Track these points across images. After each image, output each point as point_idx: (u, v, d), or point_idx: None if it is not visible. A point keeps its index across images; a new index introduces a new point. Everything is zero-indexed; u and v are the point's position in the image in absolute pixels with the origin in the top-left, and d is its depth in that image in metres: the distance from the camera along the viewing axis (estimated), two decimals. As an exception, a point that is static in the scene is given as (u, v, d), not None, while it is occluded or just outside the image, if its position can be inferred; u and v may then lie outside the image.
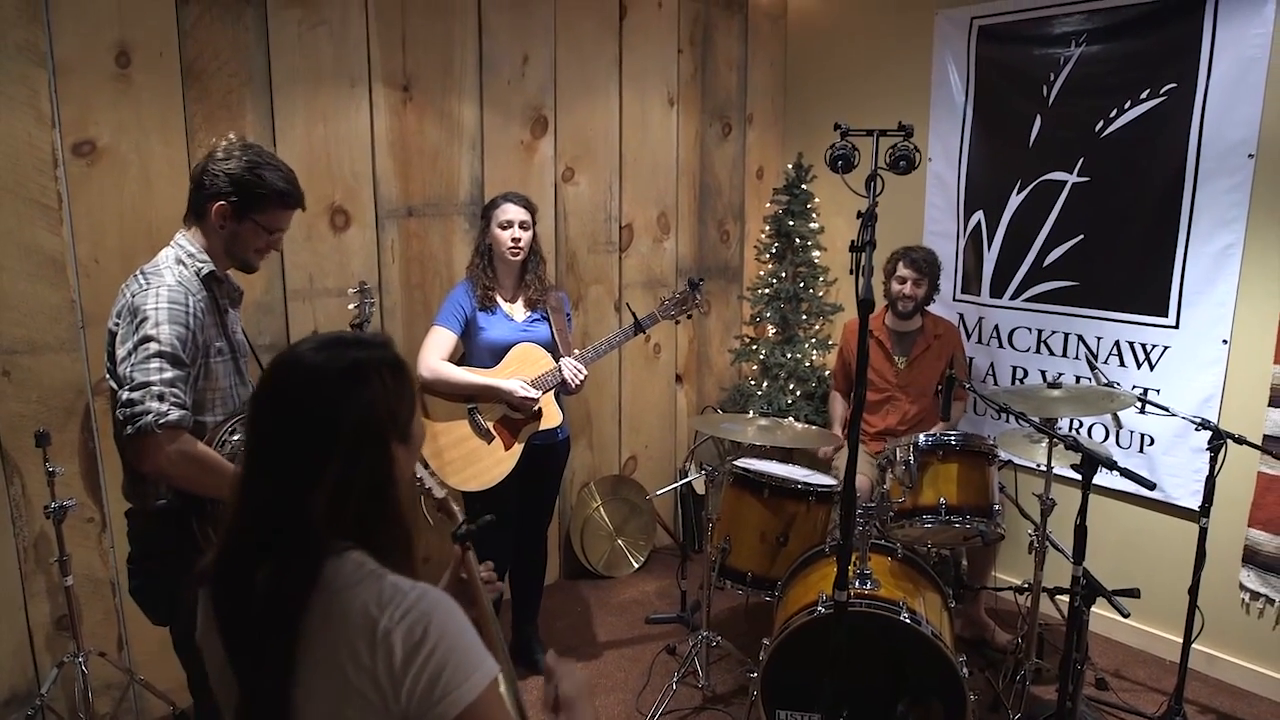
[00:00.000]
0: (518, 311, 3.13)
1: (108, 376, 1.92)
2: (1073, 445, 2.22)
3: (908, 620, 2.52)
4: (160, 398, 1.78)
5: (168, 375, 1.81)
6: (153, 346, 1.81)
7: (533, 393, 2.99)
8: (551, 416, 3.11)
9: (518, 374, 3.04)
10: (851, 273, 2.04)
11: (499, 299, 3.10)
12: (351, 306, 2.97)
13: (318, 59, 3.08)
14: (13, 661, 2.71)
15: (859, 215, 2.06)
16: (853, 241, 2.02)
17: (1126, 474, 2.19)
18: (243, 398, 2.08)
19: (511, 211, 3.04)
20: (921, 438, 2.89)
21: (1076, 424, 3.59)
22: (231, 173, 1.96)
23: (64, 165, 2.64)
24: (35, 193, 2.60)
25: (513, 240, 3.03)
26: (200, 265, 1.98)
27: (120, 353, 1.85)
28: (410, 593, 1.09)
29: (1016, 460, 3.20)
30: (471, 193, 3.54)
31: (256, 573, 1.09)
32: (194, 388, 1.91)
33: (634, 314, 3.18)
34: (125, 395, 1.79)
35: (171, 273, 1.93)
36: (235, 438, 1.96)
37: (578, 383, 3.07)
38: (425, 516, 1.95)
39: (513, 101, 3.62)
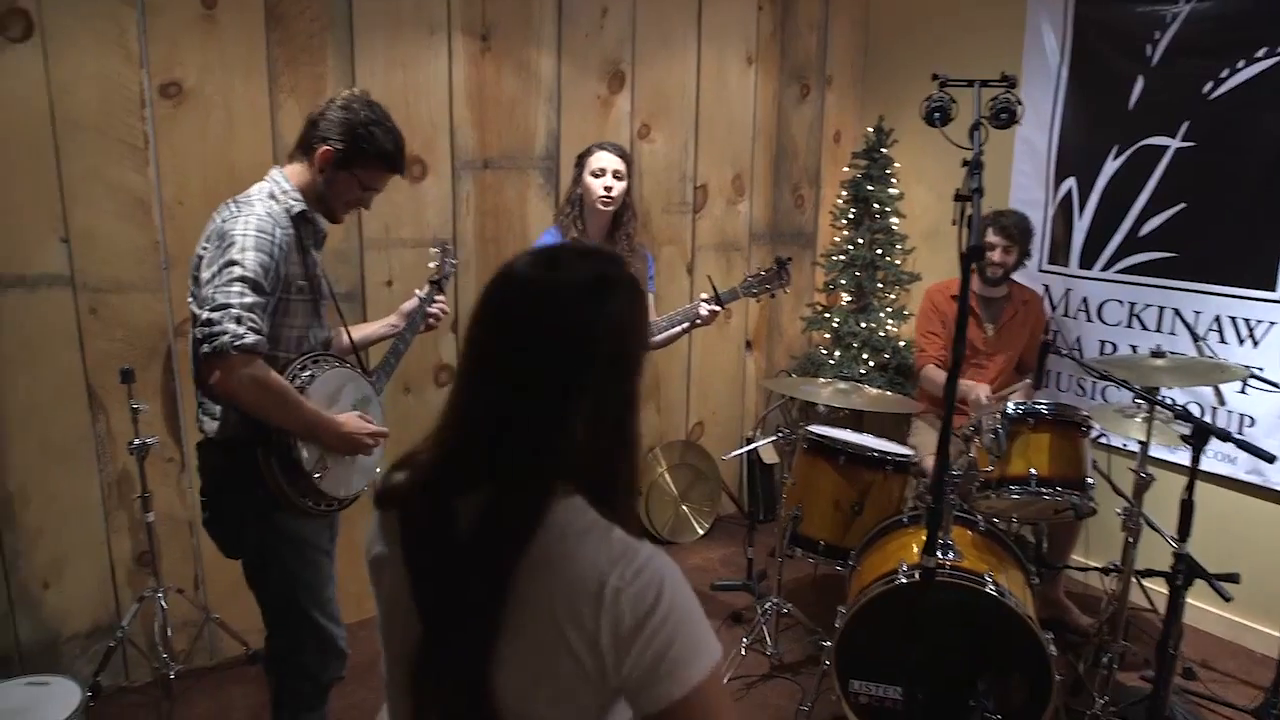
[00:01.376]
0: None
1: (190, 301, 1.92)
2: (1184, 415, 2.09)
3: (993, 593, 2.43)
4: (239, 320, 1.77)
5: (248, 300, 1.80)
6: (236, 270, 1.80)
7: None
8: None
9: None
10: (954, 222, 1.94)
11: None
12: (432, 264, 2.89)
13: (399, 5, 3.05)
14: (96, 594, 2.77)
15: (964, 164, 1.95)
16: (958, 190, 1.92)
17: (1243, 445, 2.06)
18: (318, 339, 2.07)
19: (605, 159, 2.94)
20: (1010, 405, 2.78)
21: (1170, 402, 3.42)
22: (348, 121, 1.96)
23: (151, 105, 2.65)
24: (123, 132, 2.62)
25: (604, 189, 2.93)
26: (292, 203, 1.97)
27: (205, 275, 1.85)
28: (642, 551, 0.97)
29: (1108, 436, 3.06)
30: (547, 146, 3.49)
31: (458, 502, 0.99)
32: (270, 324, 1.89)
33: (715, 287, 3.05)
34: (205, 315, 1.78)
35: (262, 204, 1.93)
36: (306, 373, 1.96)
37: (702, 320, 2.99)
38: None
39: (590, 54, 3.55)
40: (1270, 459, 2.11)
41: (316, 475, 1.95)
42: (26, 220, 2.52)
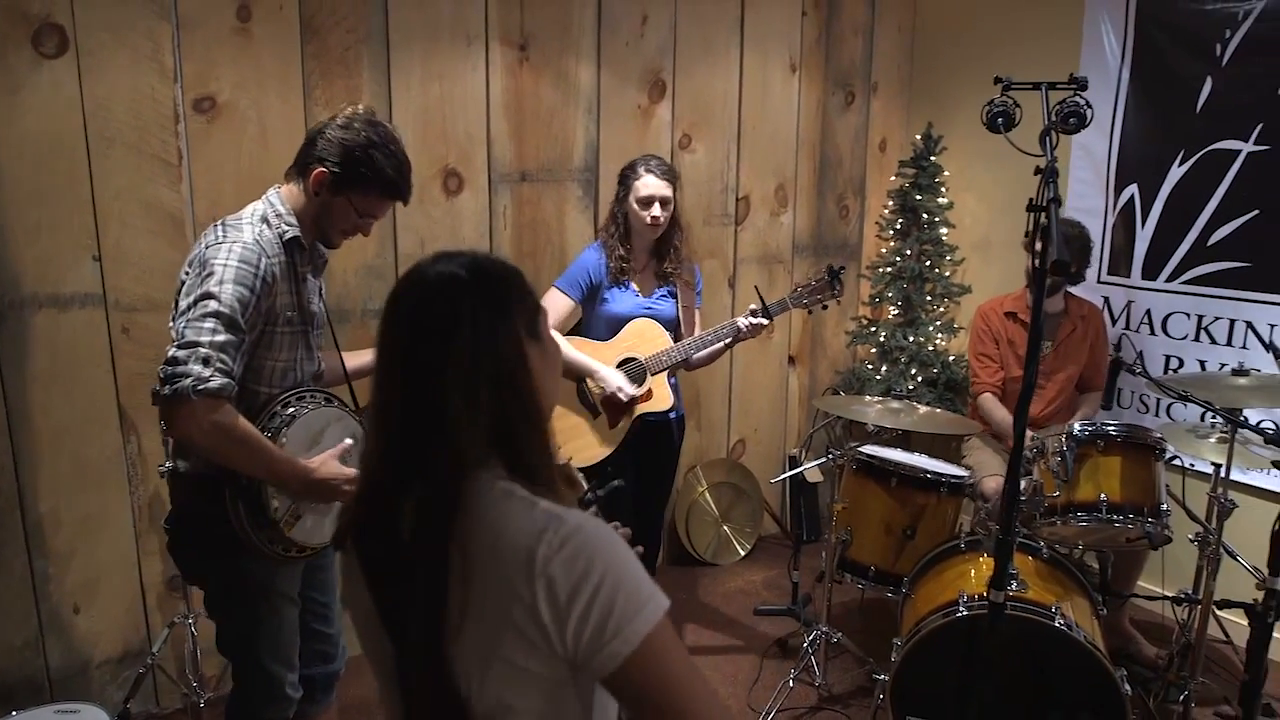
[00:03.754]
0: (646, 283, 2.94)
1: (170, 327, 1.79)
2: (1275, 438, 1.93)
3: (1062, 626, 2.28)
4: (205, 361, 1.65)
5: (220, 339, 1.68)
6: (211, 305, 1.68)
7: (630, 390, 2.81)
8: (661, 399, 2.92)
9: (633, 350, 2.88)
10: (1026, 235, 1.81)
11: (631, 270, 2.90)
12: None
13: (436, 15, 2.98)
14: (126, 618, 2.72)
15: (1037, 171, 1.82)
16: (1030, 200, 1.79)
17: (1344, 473, 1.90)
18: (308, 372, 1.96)
19: (652, 186, 2.80)
20: (1077, 426, 2.62)
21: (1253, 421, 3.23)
22: (345, 142, 1.82)
23: (185, 121, 2.60)
24: (157, 148, 2.57)
25: (651, 219, 2.82)
26: (286, 228, 1.85)
27: (181, 304, 1.73)
28: (568, 519, 0.98)
29: (1182, 458, 2.89)
30: (586, 159, 3.40)
31: (399, 506, 1.01)
32: (253, 356, 1.79)
33: (761, 299, 2.86)
34: (171, 351, 1.66)
35: (252, 229, 1.80)
36: (288, 411, 1.85)
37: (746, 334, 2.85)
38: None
39: (630, 63, 3.46)
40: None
41: (287, 523, 1.83)
42: (59, 239, 2.48)
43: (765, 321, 2.85)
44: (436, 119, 3.04)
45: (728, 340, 2.89)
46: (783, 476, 3.71)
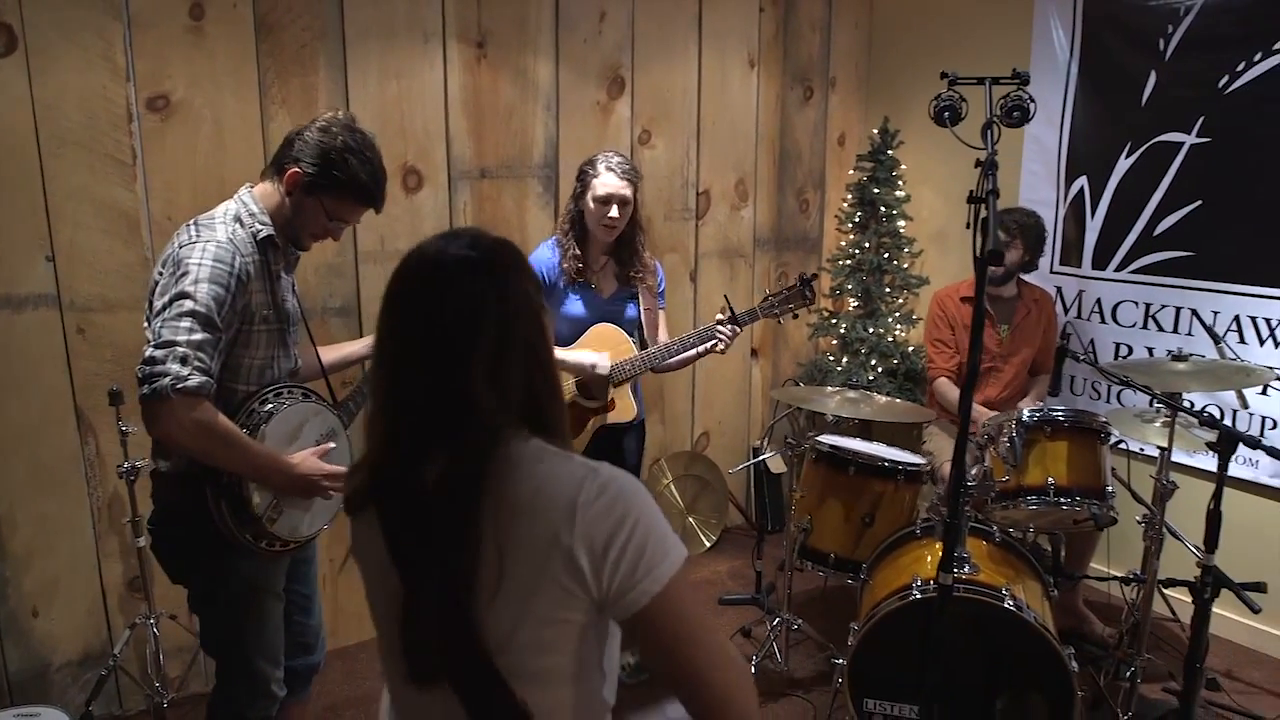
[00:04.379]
0: (606, 282, 2.83)
1: (145, 328, 1.80)
2: (1210, 422, 2.00)
3: (1011, 607, 2.34)
4: (183, 360, 1.66)
5: (197, 338, 1.69)
6: (187, 304, 1.69)
7: (606, 364, 2.70)
8: (625, 409, 2.83)
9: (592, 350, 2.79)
10: (969, 226, 1.86)
11: (588, 269, 2.78)
12: None
13: (392, 13, 2.98)
14: (87, 621, 2.70)
15: (977, 164, 1.87)
16: (971, 192, 1.85)
17: (1274, 452, 1.97)
18: (284, 369, 1.97)
19: (611, 185, 2.66)
20: (1025, 412, 2.69)
21: (1187, 404, 3.33)
22: (322, 145, 1.84)
23: (138, 120, 2.59)
24: (110, 148, 2.56)
25: (609, 220, 2.69)
26: (259, 227, 1.86)
27: (157, 305, 1.74)
28: (601, 469, 1.06)
29: (1127, 442, 2.97)
30: (546, 155, 3.42)
31: (425, 472, 1.06)
32: (229, 354, 1.81)
33: (731, 308, 2.76)
34: (149, 352, 1.68)
35: (225, 228, 1.82)
36: (266, 408, 1.86)
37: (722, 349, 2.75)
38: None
39: (589, 60, 3.48)
40: (1301, 467, 2.03)
41: (269, 519, 1.85)
42: (12, 239, 2.46)
43: (737, 330, 2.77)
44: (395, 116, 3.05)
45: (700, 350, 2.80)
46: (742, 466, 3.77)
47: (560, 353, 2.74)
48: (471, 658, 1.04)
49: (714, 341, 2.75)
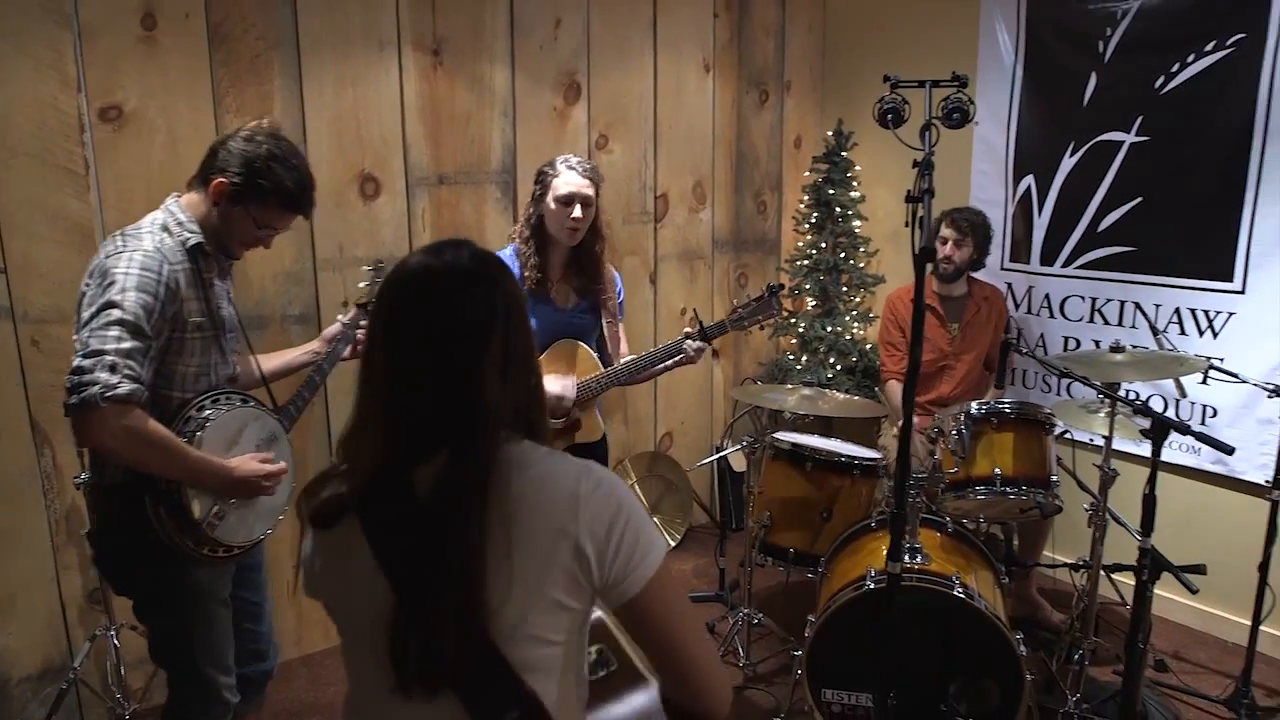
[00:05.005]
0: (564, 293, 2.71)
1: (74, 339, 1.76)
2: (1143, 409, 2.08)
3: (961, 595, 2.41)
4: (112, 368, 1.65)
5: (125, 346, 1.68)
6: (114, 313, 1.69)
7: (571, 395, 2.61)
8: (592, 429, 2.75)
9: (555, 374, 2.65)
10: (907, 225, 1.93)
11: (547, 280, 2.68)
12: (363, 285, 2.53)
13: (347, 21, 3.00)
14: (46, 634, 2.69)
15: (914, 165, 1.94)
16: (908, 192, 1.91)
17: (1203, 438, 2.06)
18: (222, 375, 1.98)
19: (573, 183, 2.56)
20: (974, 406, 2.77)
21: (1133, 396, 3.43)
22: (246, 154, 1.85)
23: (90, 130, 2.59)
24: (62, 158, 2.56)
25: (572, 221, 2.57)
26: (188, 235, 1.86)
27: (84, 315, 1.73)
28: (592, 465, 1.14)
29: (1073, 432, 3.06)
30: (504, 160, 3.46)
31: (418, 478, 1.10)
32: (163, 362, 1.81)
33: (700, 322, 2.72)
34: (76, 361, 1.66)
35: (152, 238, 1.82)
36: (204, 414, 1.87)
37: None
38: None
39: (545, 66, 3.52)
40: (1229, 451, 2.11)
41: (210, 524, 1.86)
42: (-37, 251, 2.45)
43: (705, 345, 2.73)
44: (351, 124, 3.06)
45: (667, 364, 2.74)
46: (703, 462, 3.82)
47: None
48: (487, 656, 1.07)
49: (681, 356, 2.71)
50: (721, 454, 3.59)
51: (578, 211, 2.57)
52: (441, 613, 1.06)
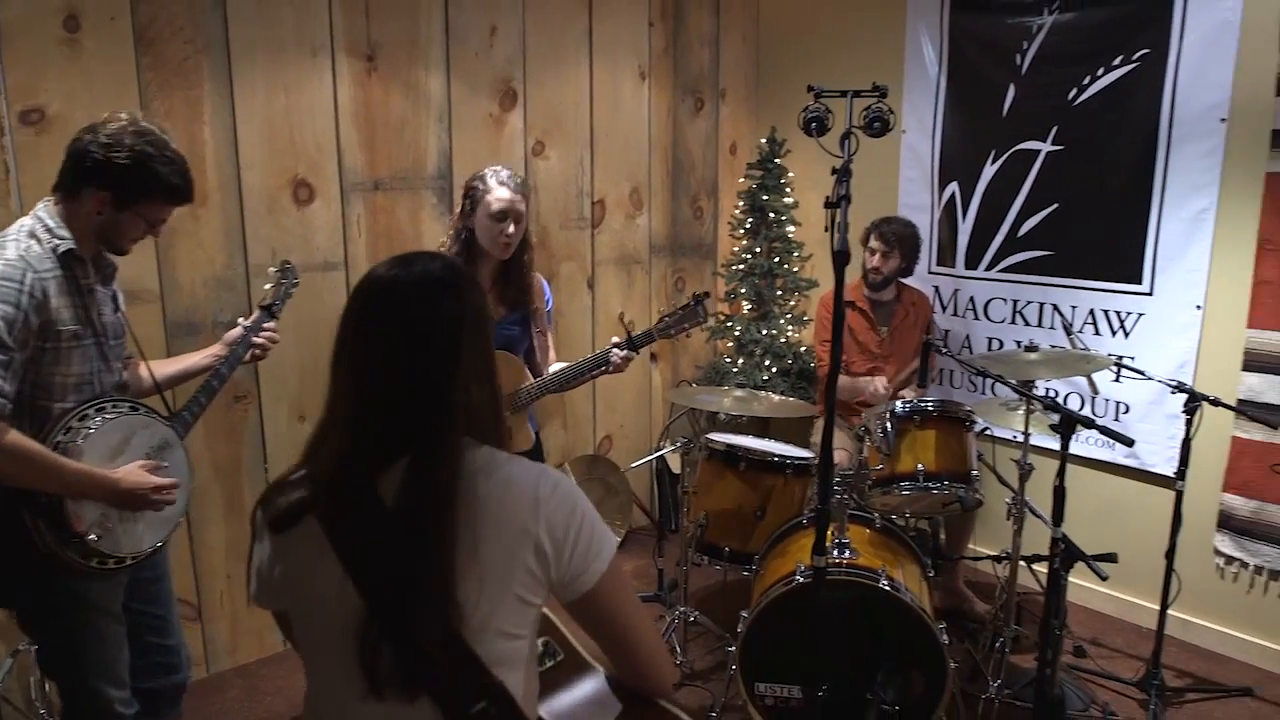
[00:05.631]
0: (493, 308, 2.73)
1: None
2: (1051, 405, 2.19)
3: (887, 588, 2.49)
4: None
5: None
6: None
7: None
8: (523, 439, 2.79)
9: None
10: (827, 229, 2.00)
11: None
12: (268, 286, 2.45)
13: (278, 26, 2.99)
14: (-34, 650, 2.62)
15: (833, 171, 2.01)
16: (827, 198, 1.98)
17: (1105, 431, 2.17)
18: (106, 383, 1.94)
19: (506, 198, 2.57)
20: (897, 404, 2.87)
21: (1053, 393, 3.58)
22: (119, 163, 1.80)
23: (11, 134, 2.54)
24: (-19, 162, 2.50)
25: (505, 237, 2.59)
26: (59, 242, 1.81)
27: None
28: (548, 469, 1.22)
29: (994, 429, 3.18)
30: (439, 166, 3.47)
31: (377, 482, 1.13)
32: (38, 373, 1.78)
33: (628, 332, 2.79)
34: None
35: (16, 246, 1.77)
36: (85, 424, 1.83)
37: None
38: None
39: (481, 73, 3.54)
40: (1129, 443, 2.23)
41: (94, 536, 1.82)
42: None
43: (633, 354, 2.77)
44: (283, 129, 3.05)
45: (595, 374, 2.79)
46: (640, 462, 3.86)
47: None
48: (460, 654, 1.11)
49: (608, 365, 2.75)
50: (658, 454, 3.65)
51: (511, 228, 2.61)
52: (423, 614, 1.09)
